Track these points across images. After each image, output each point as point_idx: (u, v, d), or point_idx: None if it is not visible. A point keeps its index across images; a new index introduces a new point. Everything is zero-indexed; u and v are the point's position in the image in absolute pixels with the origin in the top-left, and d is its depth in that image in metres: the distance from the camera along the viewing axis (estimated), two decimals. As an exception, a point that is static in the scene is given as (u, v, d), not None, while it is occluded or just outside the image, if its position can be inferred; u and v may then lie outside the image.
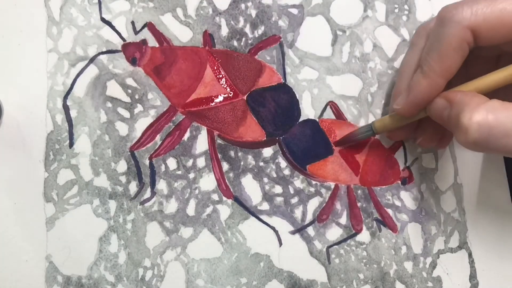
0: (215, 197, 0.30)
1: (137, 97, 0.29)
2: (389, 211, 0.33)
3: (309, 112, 0.32)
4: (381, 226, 0.33)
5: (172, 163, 0.29)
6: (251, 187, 0.30)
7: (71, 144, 0.28)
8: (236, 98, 0.31)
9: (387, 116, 0.31)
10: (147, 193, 0.29)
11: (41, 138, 0.28)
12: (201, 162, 0.30)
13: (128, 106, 0.29)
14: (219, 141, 0.30)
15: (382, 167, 0.33)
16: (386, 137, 0.33)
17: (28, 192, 0.27)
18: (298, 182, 0.31)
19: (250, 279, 0.30)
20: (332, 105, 0.33)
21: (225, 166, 0.30)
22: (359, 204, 0.32)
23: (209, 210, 0.30)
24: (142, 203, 0.29)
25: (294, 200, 0.31)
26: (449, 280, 0.33)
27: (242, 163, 0.30)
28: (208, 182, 0.30)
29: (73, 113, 0.28)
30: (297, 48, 0.33)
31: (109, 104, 0.29)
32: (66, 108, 0.28)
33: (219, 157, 0.30)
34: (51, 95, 0.28)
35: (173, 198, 0.29)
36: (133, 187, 0.29)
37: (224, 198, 0.30)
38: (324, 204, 0.32)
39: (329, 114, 0.33)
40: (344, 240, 0.32)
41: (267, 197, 0.31)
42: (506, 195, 0.36)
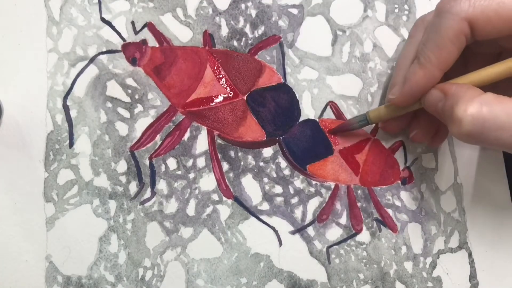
0: (215, 197, 0.30)
1: (137, 97, 0.29)
2: (389, 211, 0.33)
3: (309, 112, 0.32)
4: (381, 226, 0.33)
5: (172, 163, 0.29)
6: (251, 187, 0.30)
7: (71, 144, 0.28)
8: (236, 98, 0.31)
9: (382, 106, 0.31)
10: (147, 193, 0.29)
11: (41, 138, 0.28)
12: (201, 162, 0.30)
13: (128, 106, 0.29)
14: (219, 141, 0.30)
15: (382, 167, 0.33)
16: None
17: (28, 192, 0.27)
18: (298, 182, 0.31)
19: (250, 279, 0.30)
20: (332, 105, 0.33)
21: (225, 166, 0.30)
22: (359, 204, 0.32)
23: (209, 210, 0.30)
24: (142, 203, 0.29)
25: (294, 200, 0.31)
26: (449, 280, 0.33)
27: (242, 163, 0.30)
28: (208, 182, 0.30)
29: (73, 113, 0.28)
30: (297, 48, 0.33)
31: (109, 104, 0.29)
32: (66, 108, 0.28)
33: (219, 157, 0.30)
34: (51, 95, 0.28)
35: (173, 198, 0.29)
36: (133, 187, 0.29)
37: (224, 198, 0.30)
38: (324, 204, 0.32)
39: (329, 114, 0.33)
40: (344, 240, 0.32)
41: (267, 197, 0.31)
42: (506, 195, 0.36)
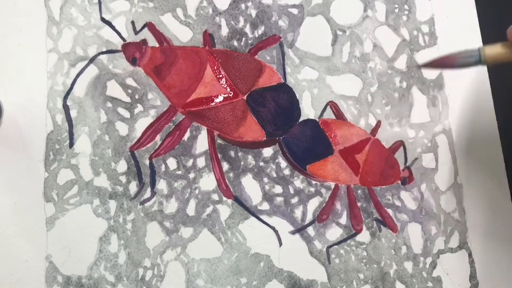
0: (215, 197, 0.30)
1: (137, 97, 0.29)
2: (389, 211, 0.33)
3: (309, 112, 0.32)
4: (381, 226, 0.33)
5: (172, 163, 0.29)
6: (251, 187, 0.30)
7: (71, 144, 0.28)
8: (236, 98, 0.31)
9: (499, 44, 0.25)
10: (147, 193, 0.29)
11: (41, 138, 0.28)
12: (201, 162, 0.30)
13: (128, 106, 0.29)
14: (219, 141, 0.30)
15: (382, 167, 0.33)
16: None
17: (28, 192, 0.27)
18: (298, 182, 0.31)
19: (250, 279, 0.30)
20: (332, 105, 0.33)
21: (225, 166, 0.30)
22: (359, 204, 0.32)
23: (209, 210, 0.30)
24: (142, 203, 0.29)
25: (294, 200, 0.31)
26: (449, 280, 0.33)
27: (242, 163, 0.30)
28: (208, 182, 0.30)
29: (73, 113, 0.28)
30: (297, 48, 0.33)
31: (109, 104, 0.29)
32: (66, 108, 0.28)
33: (219, 157, 0.30)
34: (51, 95, 0.28)
35: (173, 198, 0.29)
36: (133, 187, 0.29)
37: (224, 198, 0.30)
38: (324, 204, 0.32)
39: (329, 114, 0.33)
40: (344, 240, 0.32)
41: (267, 197, 0.31)
42: (506, 195, 0.36)
